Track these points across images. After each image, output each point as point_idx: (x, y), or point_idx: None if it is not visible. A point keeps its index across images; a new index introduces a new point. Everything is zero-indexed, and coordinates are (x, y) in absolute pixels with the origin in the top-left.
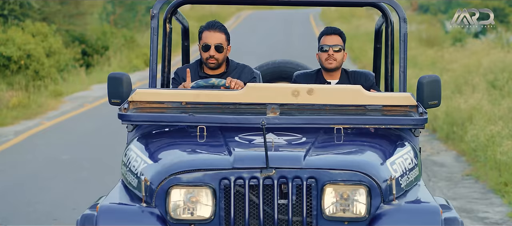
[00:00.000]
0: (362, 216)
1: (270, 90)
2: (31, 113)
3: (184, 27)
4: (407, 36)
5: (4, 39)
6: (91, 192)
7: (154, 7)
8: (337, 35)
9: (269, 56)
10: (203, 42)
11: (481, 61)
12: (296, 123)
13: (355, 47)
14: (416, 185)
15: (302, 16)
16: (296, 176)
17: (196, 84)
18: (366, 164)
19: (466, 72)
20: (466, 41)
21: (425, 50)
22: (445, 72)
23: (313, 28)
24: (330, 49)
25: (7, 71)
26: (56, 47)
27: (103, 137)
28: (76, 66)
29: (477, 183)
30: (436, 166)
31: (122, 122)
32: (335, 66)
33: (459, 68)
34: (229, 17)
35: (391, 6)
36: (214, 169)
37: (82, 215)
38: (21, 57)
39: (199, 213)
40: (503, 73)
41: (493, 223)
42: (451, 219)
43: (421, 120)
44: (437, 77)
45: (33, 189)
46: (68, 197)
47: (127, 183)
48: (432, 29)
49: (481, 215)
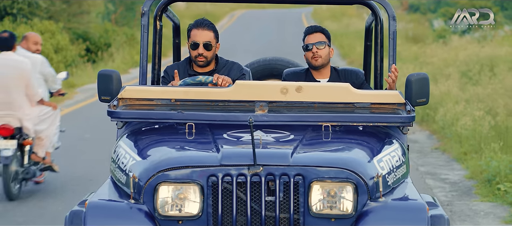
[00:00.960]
0: (349, 213)
1: (259, 88)
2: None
3: (175, 24)
4: (396, 34)
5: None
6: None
7: (144, 4)
8: (319, 32)
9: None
10: (192, 40)
11: (458, 55)
12: (284, 120)
13: (345, 44)
14: (403, 182)
15: (294, 15)
16: (283, 173)
17: (183, 82)
18: (353, 162)
19: (443, 65)
20: (449, 38)
21: (410, 46)
22: (425, 65)
23: (305, 26)
24: (314, 47)
25: None
26: (63, 44)
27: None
28: (81, 62)
29: (443, 154)
30: (410, 142)
31: (111, 119)
32: (321, 63)
33: (438, 61)
34: (223, 16)
35: (381, 5)
36: (202, 166)
37: (71, 211)
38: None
39: (187, 209)
40: (475, 65)
41: (452, 182)
42: (437, 216)
43: (409, 118)
44: (425, 75)
45: (69, 160)
46: (99, 164)
47: (116, 180)
48: (421, 27)
49: (443, 177)
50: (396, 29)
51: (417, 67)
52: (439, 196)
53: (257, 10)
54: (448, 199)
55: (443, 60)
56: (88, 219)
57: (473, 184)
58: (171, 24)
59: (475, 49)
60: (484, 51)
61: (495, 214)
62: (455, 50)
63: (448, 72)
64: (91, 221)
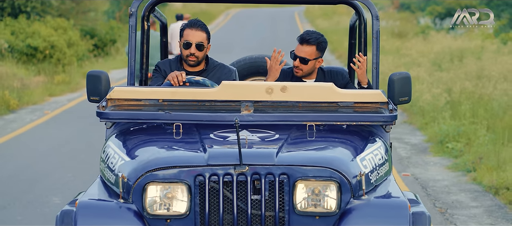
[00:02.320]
0: (333, 211)
1: (245, 88)
2: (74, 88)
3: (162, 24)
4: (379, 33)
5: (30, 32)
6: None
7: (132, 5)
8: (312, 45)
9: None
10: (185, 39)
11: (433, 48)
12: (269, 120)
13: (334, 40)
14: (386, 180)
15: (287, 14)
16: (268, 173)
17: (187, 79)
18: (336, 160)
19: (419, 56)
20: (428, 33)
21: (394, 41)
22: (403, 57)
23: (297, 24)
24: (297, 60)
25: (34, 59)
26: (74, 39)
27: None
28: (90, 56)
29: (410, 125)
30: None
31: (100, 119)
32: (301, 75)
33: (415, 53)
34: (218, 14)
35: (364, 5)
36: (189, 166)
37: (62, 211)
38: (46, 48)
39: (175, 208)
40: (446, 56)
41: (412, 144)
42: (419, 213)
43: (391, 117)
44: (407, 74)
45: (95, 136)
46: None
47: (105, 179)
48: (408, 25)
49: (406, 141)
50: (380, 28)
51: (396, 58)
52: (401, 153)
53: (251, 9)
54: (408, 155)
55: (420, 52)
56: (79, 219)
57: (429, 145)
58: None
59: (448, 42)
60: (456, 44)
61: (442, 164)
62: (431, 44)
63: (421, 61)
64: (82, 220)
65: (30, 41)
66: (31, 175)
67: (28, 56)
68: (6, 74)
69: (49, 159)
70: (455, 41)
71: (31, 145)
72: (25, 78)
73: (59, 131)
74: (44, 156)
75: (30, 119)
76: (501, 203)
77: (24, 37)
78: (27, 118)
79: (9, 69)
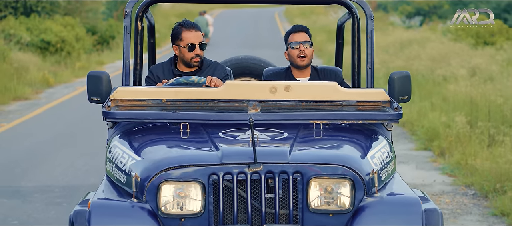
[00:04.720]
0: (346, 209)
1: (249, 87)
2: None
3: (150, 25)
4: (374, 32)
5: (43, 28)
6: None
7: (127, 6)
8: (305, 32)
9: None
10: (188, 42)
11: (386, 39)
12: (277, 119)
13: (317, 41)
14: (392, 178)
15: (268, 14)
16: (282, 171)
17: (176, 80)
18: (349, 158)
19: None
20: (386, 28)
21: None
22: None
23: (277, 23)
24: (301, 45)
25: (47, 52)
26: (81, 35)
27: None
28: (94, 50)
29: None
30: None
31: (106, 119)
32: (306, 63)
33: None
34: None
35: (359, 4)
36: (203, 165)
37: (74, 211)
38: (57, 42)
39: (189, 207)
40: (395, 45)
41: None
42: (431, 210)
43: (397, 115)
44: (407, 73)
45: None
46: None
47: (114, 179)
48: (378, 23)
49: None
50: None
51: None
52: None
53: (234, 9)
54: None
55: (376, 43)
56: (93, 218)
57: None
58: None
59: (403, 34)
60: (406, 36)
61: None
62: (386, 36)
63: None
64: (96, 220)
65: (44, 36)
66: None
67: (42, 50)
68: (33, 62)
69: (86, 121)
70: (408, 33)
71: (73, 109)
72: (50, 66)
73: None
74: (83, 118)
75: (67, 91)
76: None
77: (38, 33)
78: (64, 90)
79: (33, 59)
